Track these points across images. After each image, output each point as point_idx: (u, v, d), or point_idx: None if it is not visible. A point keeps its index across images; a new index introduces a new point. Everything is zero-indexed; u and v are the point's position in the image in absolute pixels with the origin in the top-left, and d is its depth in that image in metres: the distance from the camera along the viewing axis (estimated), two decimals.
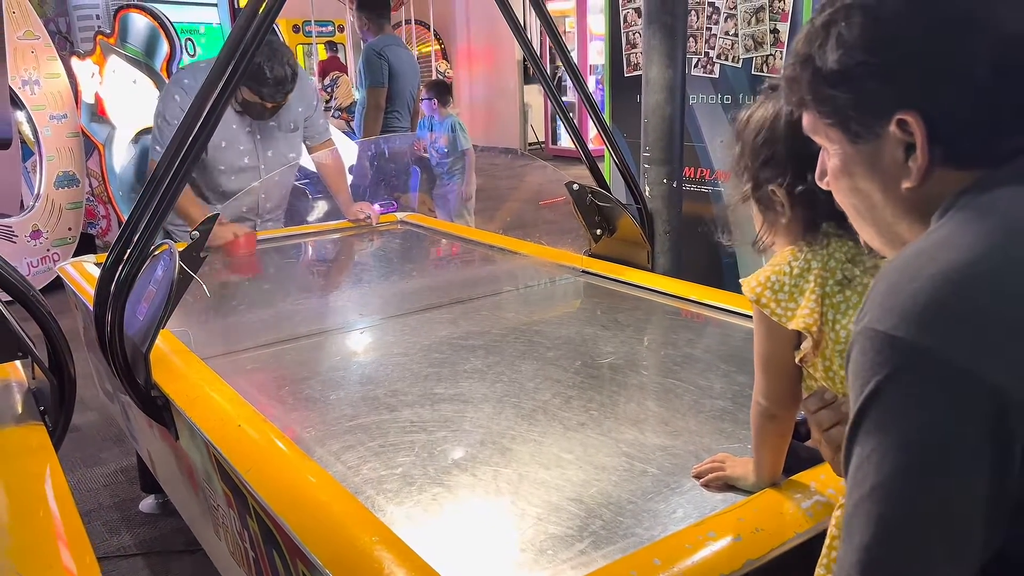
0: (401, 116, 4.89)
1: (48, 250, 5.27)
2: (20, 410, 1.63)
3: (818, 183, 0.90)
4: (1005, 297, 0.66)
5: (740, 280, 1.18)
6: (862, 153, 0.80)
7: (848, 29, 0.76)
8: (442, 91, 5.32)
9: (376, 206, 3.41)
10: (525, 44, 2.68)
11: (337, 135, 4.66)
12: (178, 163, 1.70)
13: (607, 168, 3.25)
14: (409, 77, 4.90)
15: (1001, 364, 0.64)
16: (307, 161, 3.40)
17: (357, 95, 5.37)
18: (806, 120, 0.85)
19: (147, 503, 2.73)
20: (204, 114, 1.69)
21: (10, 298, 1.64)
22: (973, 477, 0.65)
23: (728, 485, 1.31)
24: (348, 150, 4.53)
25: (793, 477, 1.25)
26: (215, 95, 1.69)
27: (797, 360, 1.13)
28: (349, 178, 3.83)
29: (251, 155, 3.02)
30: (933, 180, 0.75)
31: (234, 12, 5.79)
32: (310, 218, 3.69)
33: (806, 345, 1.11)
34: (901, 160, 0.76)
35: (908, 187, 0.76)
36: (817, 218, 1.12)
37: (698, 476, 1.34)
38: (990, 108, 0.73)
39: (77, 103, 5.42)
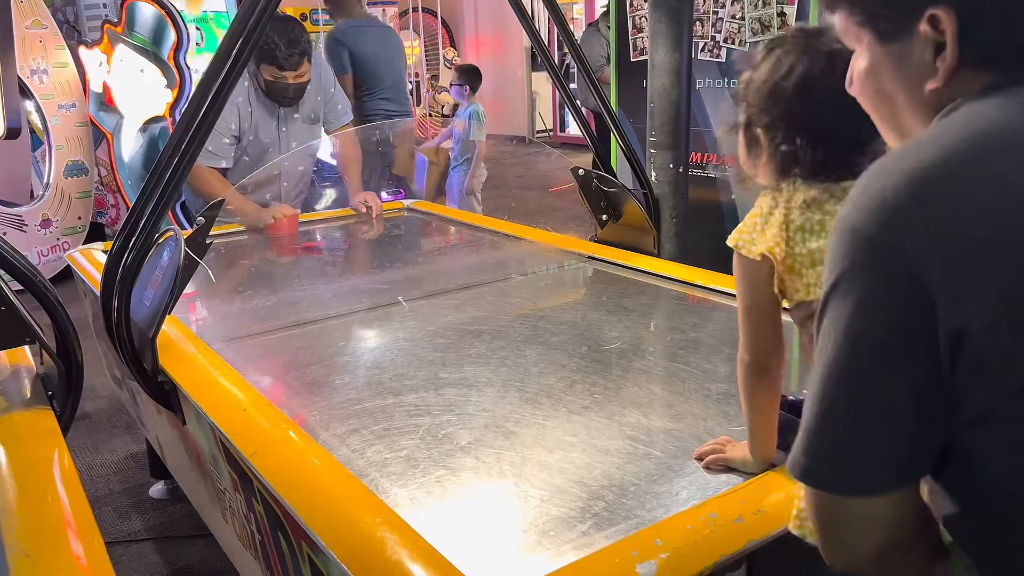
0: (393, 99, 4.50)
1: (58, 239, 5.29)
2: (28, 395, 1.65)
3: (846, 90, 0.89)
4: (961, 198, 0.67)
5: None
6: (890, 53, 0.79)
7: None
8: (473, 77, 5.17)
9: (384, 194, 3.42)
10: (533, 34, 2.67)
11: None
12: (183, 149, 1.70)
13: (613, 154, 3.24)
14: (385, 57, 4.47)
15: (947, 267, 0.66)
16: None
17: None
18: (838, 22, 0.85)
19: (157, 489, 2.76)
20: (209, 99, 1.69)
21: (19, 286, 1.66)
22: (908, 366, 0.68)
23: (730, 467, 1.31)
24: None
25: None
26: (219, 80, 1.69)
27: (776, 290, 1.17)
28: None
29: (276, 147, 3.14)
30: (957, 82, 0.75)
31: None
32: (318, 205, 3.70)
33: (777, 271, 1.16)
34: (929, 60, 0.76)
35: (932, 87, 0.76)
36: (789, 168, 1.16)
37: (699, 458, 1.34)
38: (1020, 9, 0.72)
39: (85, 92, 5.43)
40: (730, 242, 1.21)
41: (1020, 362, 0.65)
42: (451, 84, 4.99)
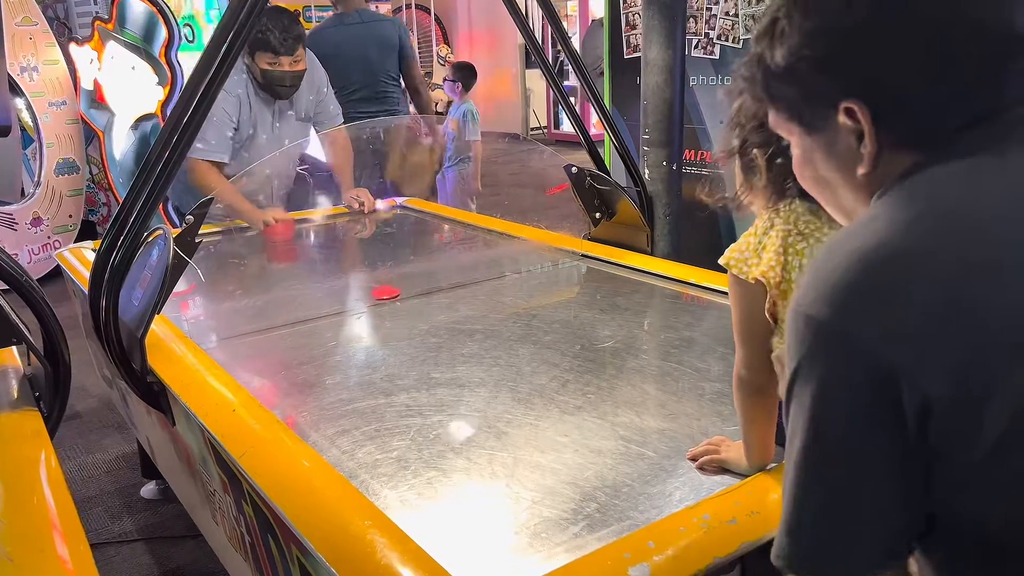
0: (372, 101, 4.13)
1: (49, 237, 5.26)
2: (15, 396, 1.63)
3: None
4: (904, 278, 0.68)
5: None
6: (819, 143, 0.81)
7: (789, 25, 0.78)
8: (468, 75, 5.11)
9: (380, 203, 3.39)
10: (527, 32, 2.66)
11: None
12: (172, 146, 1.68)
13: (607, 152, 3.22)
14: (359, 57, 4.08)
15: (901, 344, 0.66)
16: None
17: None
18: (769, 116, 0.87)
19: (148, 489, 2.74)
20: (198, 96, 1.67)
21: (5, 285, 1.64)
22: (877, 445, 0.68)
23: (724, 468, 1.30)
24: None
25: None
26: (208, 78, 1.67)
27: (767, 312, 1.15)
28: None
29: (270, 144, 3.10)
30: (885, 164, 0.77)
31: None
32: (309, 203, 3.67)
33: (771, 295, 1.15)
34: (854, 147, 0.77)
35: (862, 172, 0.78)
36: (787, 187, 1.16)
37: (693, 459, 1.33)
38: (930, 91, 0.74)
39: (76, 89, 5.39)
40: (723, 261, 1.20)
41: (987, 425, 0.65)
42: (444, 79, 4.92)
